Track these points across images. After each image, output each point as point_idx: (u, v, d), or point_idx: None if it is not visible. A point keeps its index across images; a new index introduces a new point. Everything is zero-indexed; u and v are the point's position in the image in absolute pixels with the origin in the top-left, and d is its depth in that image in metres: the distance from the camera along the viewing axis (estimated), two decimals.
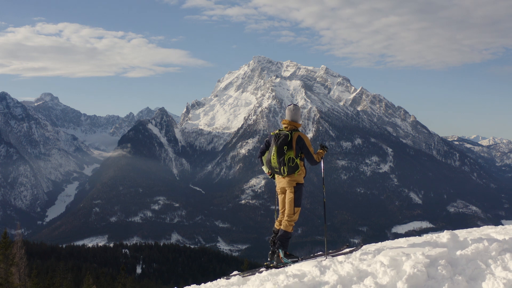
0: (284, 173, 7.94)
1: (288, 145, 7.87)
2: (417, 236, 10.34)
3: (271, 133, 8.29)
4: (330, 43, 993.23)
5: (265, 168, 8.41)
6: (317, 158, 8.21)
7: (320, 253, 8.88)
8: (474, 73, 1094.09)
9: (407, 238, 9.94)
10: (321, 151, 8.50)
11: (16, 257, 23.33)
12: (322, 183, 9.24)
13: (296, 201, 8.12)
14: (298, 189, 8.16)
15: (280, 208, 8.42)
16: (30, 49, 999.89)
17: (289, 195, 8.12)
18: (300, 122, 8.47)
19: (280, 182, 8.19)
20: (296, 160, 7.88)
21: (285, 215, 8.12)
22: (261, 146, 8.56)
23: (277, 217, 8.55)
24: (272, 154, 7.99)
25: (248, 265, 31.09)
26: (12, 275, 21.17)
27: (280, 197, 8.39)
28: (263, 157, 8.51)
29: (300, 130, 8.27)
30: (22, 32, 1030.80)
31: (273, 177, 8.45)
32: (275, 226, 8.47)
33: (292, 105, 8.41)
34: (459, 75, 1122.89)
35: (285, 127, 8.20)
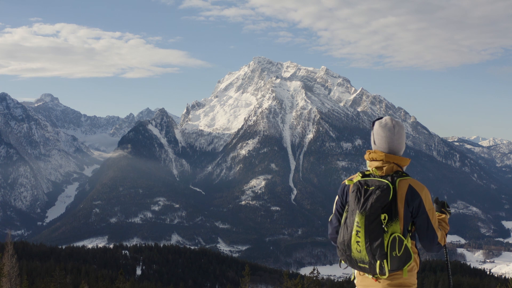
0: (383, 274, 4.11)
1: (390, 210, 4.11)
2: None
3: (346, 181, 4.50)
4: (328, 44, 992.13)
5: (340, 254, 4.37)
6: (442, 237, 4.49)
7: None
8: (473, 73, 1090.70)
9: None
10: (443, 216, 4.90)
11: (7, 266, 22.70)
12: (448, 285, 5.42)
13: None
14: None
15: None
16: (27, 49, 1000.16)
17: None
18: (402, 153, 4.56)
19: (371, 286, 4.35)
20: (405, 241, 4.05)
21: None
22: (334, 209, 4.60)
23: None
24: (353, 231, 4.14)
25: (250, 270, 30.88)
26: (2, 286, 20.68)
27: None
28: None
29: (409, 174, 4.42)
30: (19, 32, 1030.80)
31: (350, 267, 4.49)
32: None
33: (388, 119, 4.55)
34: (458, 75, 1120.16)
35: (378, 167, 4.40)
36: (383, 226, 4.04)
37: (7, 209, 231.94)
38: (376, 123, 4.58)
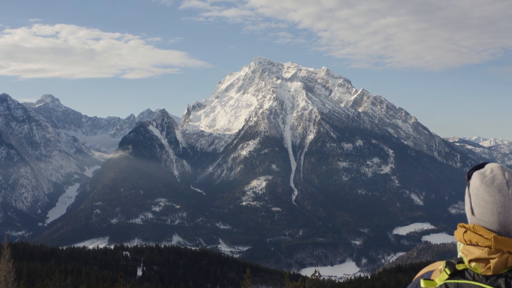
0: None
1: None
2: None
3: (422, 282, 2.48)
4: (328, 44, 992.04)
5: None
6: None
7: None
8: (473, 74, 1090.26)
9: None
10: None
11: (3, 271, 22.34)
12: None
13: None
14: None
15: None
16: (27, 50, 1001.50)
17: None
18: None
19: None
20: None
21: None
22: None
23: None
24: None
25: (250, 271, 30.82)
26: None
27: None
28: None
29: None
30: (19, 33, 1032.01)
31: None
32: None
33: (496, 169, 2.48)
34: (458, 76, 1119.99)
35: (481, 260, 2.36)
36: None
37: (8, 210, 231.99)
38: (475, 175, 2.44)
